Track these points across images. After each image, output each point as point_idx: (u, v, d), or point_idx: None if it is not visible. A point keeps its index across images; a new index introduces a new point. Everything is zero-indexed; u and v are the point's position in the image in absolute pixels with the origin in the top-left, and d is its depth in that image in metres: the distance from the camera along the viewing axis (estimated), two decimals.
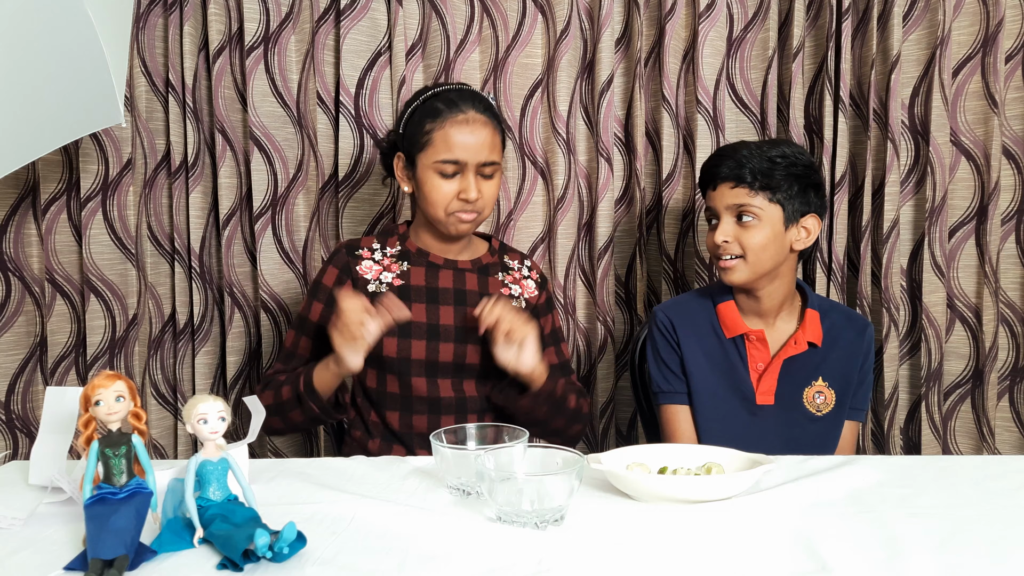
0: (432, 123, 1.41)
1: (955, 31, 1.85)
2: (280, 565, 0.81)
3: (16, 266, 1.87)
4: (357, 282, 1.47)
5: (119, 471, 0.83)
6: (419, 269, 1.49)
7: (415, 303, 1.45)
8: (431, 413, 1.45)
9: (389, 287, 1.46)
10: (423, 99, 1.45)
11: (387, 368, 1.44)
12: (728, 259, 1.44)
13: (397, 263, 1.49)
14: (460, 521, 0.94)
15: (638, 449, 1.13)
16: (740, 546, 0.86)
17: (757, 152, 1.43)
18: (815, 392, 1.48)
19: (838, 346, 1.49)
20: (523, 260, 1.59)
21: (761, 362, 1.49)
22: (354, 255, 1.49)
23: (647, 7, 1.91)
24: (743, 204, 1.43)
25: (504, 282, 1.54)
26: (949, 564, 0.81)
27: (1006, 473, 1.10)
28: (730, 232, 1.44)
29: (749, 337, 1.49)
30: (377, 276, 1.47)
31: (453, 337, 1.45)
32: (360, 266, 1.48)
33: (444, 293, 1.48)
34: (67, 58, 1.40)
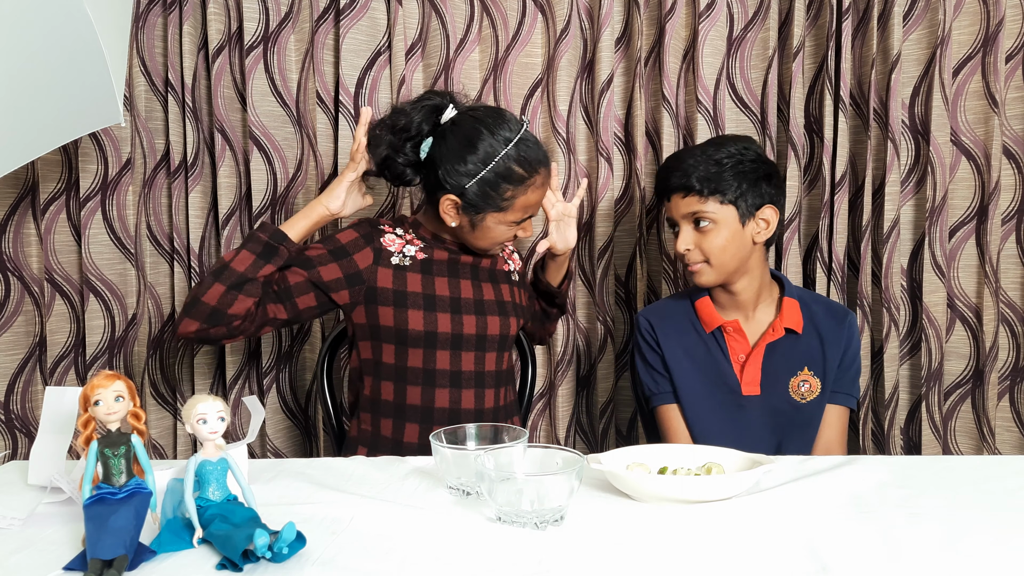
0: (514, 190, 1.41)
1: (955, 31, 1.85)
2: (279, 565, 0.80)
3: (15, 266, 1.87)
4: (381, 252, 1.46)
5: (118, 471, 0.83)
6: (440, 249, 1.51)
7: (438, 277, 1.48)
8: (452, 387, 1.47)
9: (412, 260, 1.48)
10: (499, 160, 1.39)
11: (410, 343, 1.45)
12: (695, 265, 1.49)
13: (418, 239, 1.51)
14: (460, 521, 0.94)
15: (638, 449, 1.12)
16: (740, 547, 0.86)
17: (702, 157, 1.46)
18: (800, 381, 1.50)
19: (819, 334, 1.52)
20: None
21: (742, 353, 1.51)
22: (377, 229, 1.49)
23: (647, 6, 1.91)
24: (696, 211, 1.46)
25: (504, 258, 1.61)
26: (949, 564, 0.80)
27: (1006, 474, 1.10)
28: (690, 240, 1.48)
29: (727, 329, 1.51)
30: (401, 249, 1.48)
31: (474, 310, 1.49)
32: (384, 238, 1.48)
33: (463, 268, 1.52)
34: (66, 57, 1.40)
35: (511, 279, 1.60)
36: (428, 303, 1.45)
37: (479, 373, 1.50)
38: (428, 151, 1.43)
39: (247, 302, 1.37)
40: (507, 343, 1.54)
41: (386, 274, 1.45)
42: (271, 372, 1.95)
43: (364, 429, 1.50)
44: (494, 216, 1.43)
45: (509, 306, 1.55)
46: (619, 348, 1.98)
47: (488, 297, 1.52)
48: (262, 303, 1.41)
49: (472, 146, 1.40)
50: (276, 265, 1.39)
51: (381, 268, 1.45)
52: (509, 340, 1.54)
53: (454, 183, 1.41)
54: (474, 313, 1.48)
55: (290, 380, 1.99)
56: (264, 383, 1.94)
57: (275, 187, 1.92)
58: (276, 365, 1.96)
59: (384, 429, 1.47)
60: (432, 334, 1.45)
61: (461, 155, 1.40)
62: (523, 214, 1.45)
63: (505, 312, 1.53)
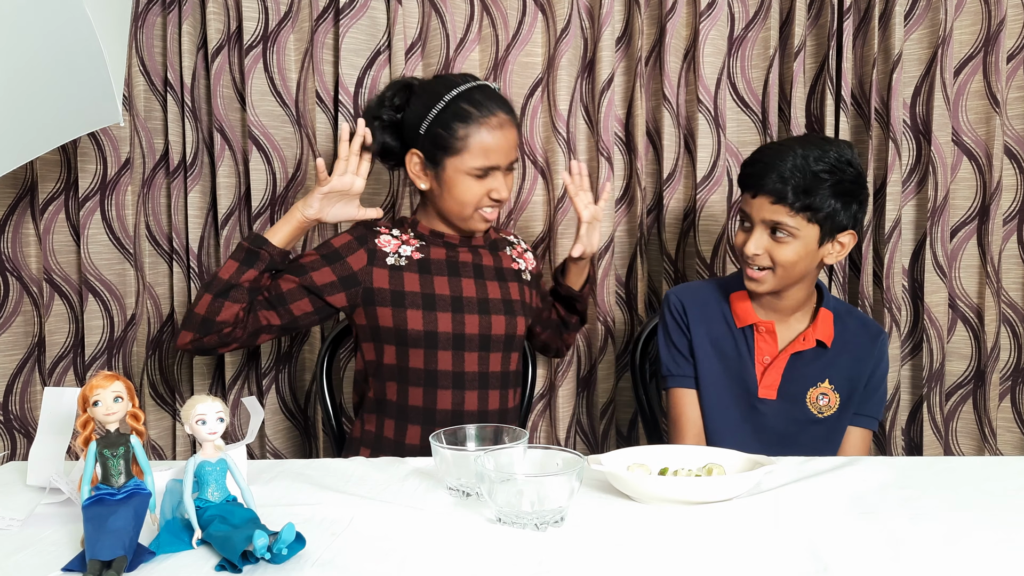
0: (465, 128, 1.41)
1: (957, 30, 1.85)
2: (279, 566, 0.80)
3: (14, 266, 1.87)
4: (376, 254, 1.45)
5: (117, 472, 0.83)
6: (439, 249, 1.50)
7: (436, 276, 1.47)
8: (455, 388, 1.46)
9: (409, 260, 1.47)
10: (447, 101, 1.42)
11: (410, 343, 1.44)
12: (756, 269, 1.41)
13: (415, 239, 1.50)
14: (460, 522, 0.94)
15: (639, 450, 1.12)
16: (741, 547, 0.86)
17: (803, 165, 1.34)
18: (819, 393, 1.46)
19: (848, 350, 1.47)
20: (516, 237, 1.68)
21: (768, 355, 1.47)
22: (372, 230, 1.49)
23: (648, 6, 1.91)
24: (780, 222, 1.36)
25: (512, 256, 1.59)
26: (951, 565, 0.80)
27: (1008, 474, 1.10)
28: (763, 244, 1.39)
29: (759, 328, 1.47)
30: (396, 249, 1.47)
31: (477, 309, 1.47)
32: (379, 239, 1.47)
33: (464, 267, 1.50)
34: (65, 57, 1.40)
35: (521, 278, 1.58)
36: (427, 302, 1.44)
37: (483, 374, 1.48)
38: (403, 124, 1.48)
39: (233, 308, 1.37)
40: (513, 343, 1.52)
41: (382, 274, 1.45)
42: (270, 373, 1.95)
43: (368, 430, 1.49)
44: (453, 163, 1.42)
45: (516, 305, 1.53)
46: (619, 349, 1.98)
47: (493, 296, 1.50)
48: (252, 310, 1.41)
49: (428, 93, 1.45)
50: (259, 269, 1.39)
51: (376, 269, 1.44)
52: (516, 340, 1.52)
53: (411, 135, 1.45)
54: (477, 312, 1.47)
55: (289, 381, 1.99)
56: (263, 384, 1.94)
57: (274, 187, 1.92)
58: (275, 366, 1.96)
59: (387, 431, 1.47)
60: (432, 334, 1.44)
61: (418, 111, 1.45)
62: (484, 159, 1.41)
63: (512, 311, 1.51)
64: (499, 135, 1.43)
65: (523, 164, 1.94)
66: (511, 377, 1.53)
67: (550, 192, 1.93)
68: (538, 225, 1.96)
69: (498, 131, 1.42)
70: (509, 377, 1.53)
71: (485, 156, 1.42)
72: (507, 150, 1.44)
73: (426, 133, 1.44)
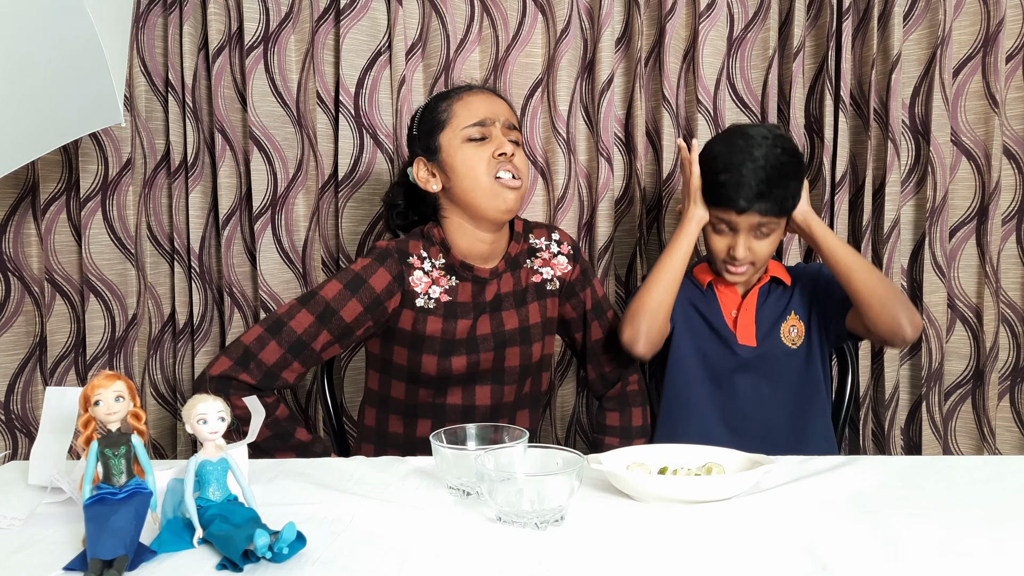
0: (448, 101, 1.40)
1: (956, 31, 1.85)
2: (280, 565, 0.80)
3: (16, 266, 1.87)
4: (407, 295, 1.38)
5: (118, 471, 0.83)
6: (466, 285, 1.42)
7: (461, 320, 1.41)
8: (464, 420, 1.40)
9: (436, 303, 1.40)
10: (431, 98, 1.46)
11: (421, 383, 1.42)
12: (743, 267, 1.51)
13: (446, 276, 1.42)
14: (460, 521, 0.94)
15: (638, 449, 1.12)
16: (741, 547, 0.86)
17: (773, 174, 1.43)
18: (790, 326, 1.56)
19: (800, 284, 1.60)
20: (550, 235, 1.53)
21: (734, 307, 1.57)
22: (407, 263, 1.39)
23: (647, 7, 1.91)
24: (765, 223, 1.47)
25: (534, 268, 1.49)
26: (950, 565, 0.80)
27: (1007, 474, 1.10)
28: (749, 246, 1.49)
29: (719, 285, 1.57)
30: (427, 290, 1.39)
31: (492, 346, 1.43)
32: (412, 277, 1.39)
33: (486, 304, 1.44)
34: (67, 58, 1.40)
35: (545, 291, 1.49)
36: (445, 348, 1.40)
37: (495, 406, 1.45)
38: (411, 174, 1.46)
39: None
40: (529, 371, 1.47)
41: (408, 316, 1.39)
42: None
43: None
44: (446, 136, 1.38)
45: (535, 329, 1.47)
46: None
47: (510, 327, 1.44)
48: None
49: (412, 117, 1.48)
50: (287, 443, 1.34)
51: (405, 311, 1.39)
52: (531, 367, 1.47)
53: (410, 150, 1.45)
54: (493, 349, 1.43)
55: None
56: None
57: (275, 187, 1.92)
58: None
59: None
60: (445, 376, 1.41)
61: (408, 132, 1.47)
62: (470, 117, 1.37)
63: (527, 339, 1.45)
64: (482, 97, 1.41)
65: None
66: (524, 400, 1.49)
67: (550, 192, 1.94)
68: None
69: (480, 94, 1.41)
70: (522, 401, 1.48)
71: (472, 114, 1.38)
72: (496, 109, 1.40)
73: (418, 133, 1.43)
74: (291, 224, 1.94)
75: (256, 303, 1.94)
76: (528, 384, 1.49)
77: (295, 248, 1.95)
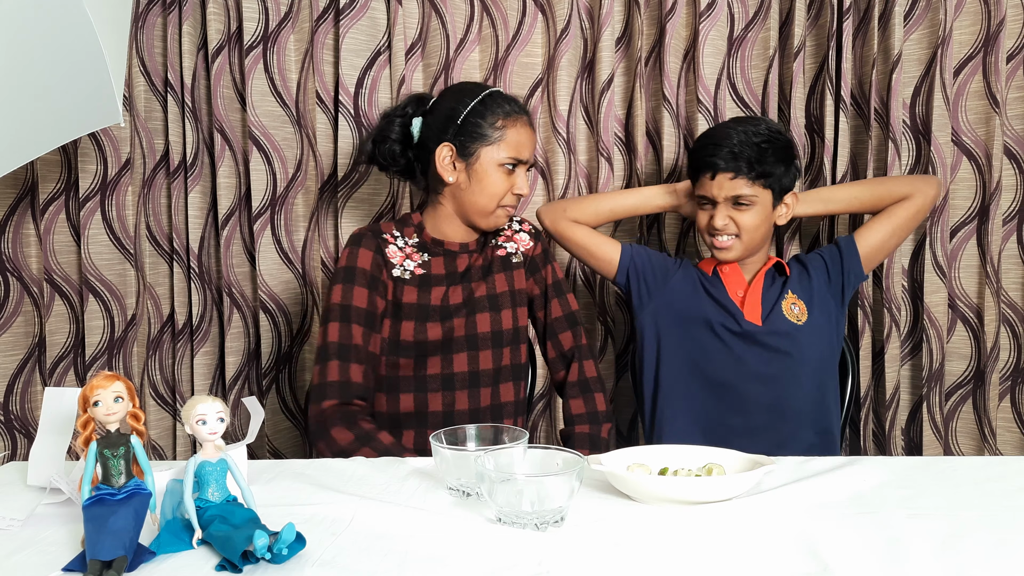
0: (504, 121, 1.47)
1: (956, 31, 1.85)
2: (279, 566, 0.80)
3: (15, 266, 1.87)
4: (386, 264, 1.48)
5: (118, 472, 0.83)
6: (438, 259, 1.52)
7: (435, 287, 1.49)
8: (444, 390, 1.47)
9: (411, 274, 1.49)
10: (486, 94, 1.49)
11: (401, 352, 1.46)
12: (724, 239, 1.58)
13: (418, 253, 1.52)
14: (460, 522, 0.94)
15: (639, 450, 1.12)
16: (741, 547, 0.86)
17: (746, 138, 1.53)
18: (790, 304, 1.61)
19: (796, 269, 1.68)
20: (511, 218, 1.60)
21: (740, 289, 1.63)
22: (381, 239, 1.50)
23: (647, 6, 1.91)
24: (741, 194, 1.54)
25: (498, 244, 1.58)
26: (951, 565, 0.80)
27: (1008, 474, 1.10)
28: (727, 216, 1.56)
29: (723, 269, 1.64)
30: (402, 262, 1.49)
31: (464, 313, 1.49)
32: (388, 249, 1.50)
33: (457, 276, 1.52)
34: (66, 58, 1.40)
35: (511, 263, 1.57)
36: (421, 314, 1.47)
37: (473, 373, 1.49)
38: (419, 132, 1.52)
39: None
40: (503, 338, 1.51)
41: (389, 286, 1.48)
42: (271, 372, 1.95)
43: None
44: (487, 151, 1.47)
45: (503, 297, 1.53)
46: (619, 348, 1.98)
47: (479, 294, 1.51)
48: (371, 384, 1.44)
49: (461, 91, 1.53)
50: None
51: (387, 281, 1.48)
52: (505, 335, 1.52)
53: (441, 129, 1.49)
54: (465, 315, 1.49)
55: (290, 380, 1.99)
56: (264, 383, 1.94)
57: (275, 187, 1.92)
58: (276, 365, 1.96)
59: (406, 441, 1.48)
60: (423, 343, 1.46)
61: (450, 107, 1.50)
62: (515, 152, 1.48)
63: (496, 306, 1.51)
64: (529, 132, 1.51)
65: None
66: (504, 372, 1.52)
67: (550, 192, 1.93)
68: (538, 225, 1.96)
69: (528, 128, 1.51)
70: (502, 372, 1.52)
71: (518, 149, 1.48)
72: (532, 148, 1.52)
73: (463, 123, 1.47)
74: (290, 224, 1.94)
75: (255, 303, 1.94)
76: (505, 355, 1.52)
77: (294, 248, 1.94)
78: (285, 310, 1.95)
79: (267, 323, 1.93)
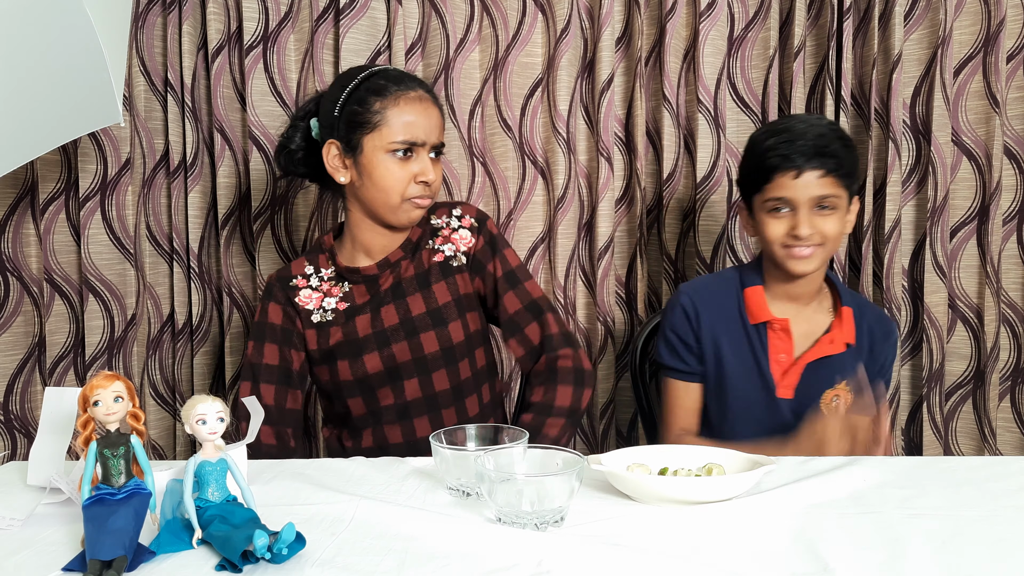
0: (382, 101, 1.32)
1: (956, 31, 1.85)
2: (279, 566, 0.80)
3: (14, 266, 1.87)
4: (300, 314, 1.40)
5: (117, 472, 0.83)
6: (359, 287, 1.41)
7: (359, 316, 1.39)
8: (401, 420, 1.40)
9: (335, 312, 1.40)
10: (362, 77, 1.36)
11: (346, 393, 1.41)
12: (805, 250, 1.36)
13: (337, 285, 1.42)
14: (460, 522, 0.94)
15: (639, 450, 1.12)
16: (741, 547, 0.86)
17: (828, 133, 1.35)
18: (834, 395, 1.42)
19: (865, 350, 1.45)
20: (451, 211, 1.47)
21: (784, 353, 1.43)
22: (289, 287, 1.42)
23: (648, 6, 1.91)
24: (828, 194, 1.34)
25: (434, 247, 1.43)
26: (951, 565, 0.80)
27: (1008, 474, 1.10)
28: (812, 222, 1.35)
29: (772, 326, 1.43)
30: (319, 304, 1.40)
31: (404, 335, 1.38)
32: (299, 297, 1.41)
33: (385, 295, 1.41)
34: (66, 57, 1.40)
35: (451, 268, 1.42)
36: (353, 350, 1.38)
37: (429, 397, 1.40)
38: (316, 133, 1.40)
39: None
40: (455, 353, 1.39)
41: (312, 335, 1.40)
42: None
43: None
44: (371, 141, 1.32)
45: (447, 309, 1.39)
46: (619, 349, 1.98)
47: (417, 312, 1.38)
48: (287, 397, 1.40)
49: (340, 79, 1.39)
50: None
51: (308, 331, 1.40)
52: (457, 349, 1.39)
53: (327, 125, 1.36)
54: (405, 338, 1.38)
55: None
56: None
57: (274, 187, 1.92)
58: None
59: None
60: (364, 379, 1.38)
61: (330, 99, 1.37)
62: (403, 133, 1.32)
63: (441, 321, 1.38)
64: (419, 108, 1.34)
65: (523, 164, 1.94)
66: (466, 386, 1.42)
67: (550, 192, 1.93)
68: (538, 225, 1.96)
69: (417, 104, 1.34)
70: (463, 388, 1.41)
71: (404, 130, 1.32)
72: (429, 127, 1.34)
73: (340, 114, 1.35)
74: (291, 224, 1.94)
75: (255, 303, 1.94)
76: (463, 369, 1.41)
77: (295, 248, 1.94)
78: None
79: None
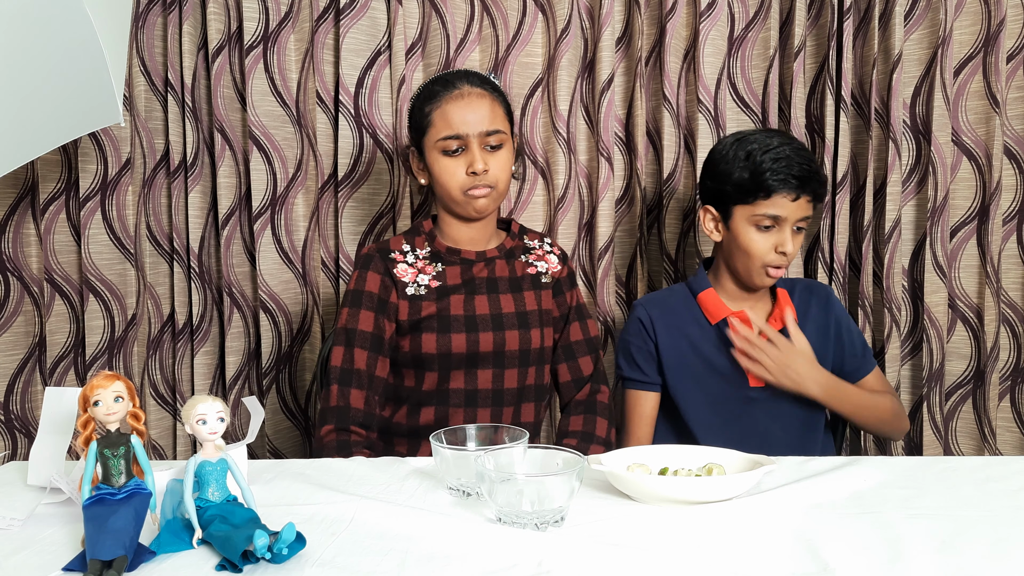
0: (431, 104, 1.44)
1: (956, 31, 1.85)
2: (279, 566, 0.80)
3: (15, 266, 1.87)
4: (397, 285, 1.45)
5: (118, 472, 0.83)
6: (454, 268, 1.48)
7: (454, 295, 1.46)
8: (467, 406, 1.45)
9: (427, 288, 1.46)
10: (422, 87, 1.50)
11: (426, 366, 1.44)
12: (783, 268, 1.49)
13: (431, 264, 1.48)
14: (460, 522, 0.94)
15: (639, 450, 1.12)
16: (741, 547, 0.86)
17: (810, 157, 1.46)
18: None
19: (808, 322, 1.56)
20: (542, 239, 1.61)
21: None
22: (389, 259, 1.47)
23: (648, 6, 1.91)
24: (807, 216, 1.47)
25: (529, 261, 1.55)
26: (951, 565, 0.80)
27: (1008, 474, 1.10)
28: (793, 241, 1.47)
29: (731, 320, 1.52)
30: (414, 279, 1.46)
31: (491, 326, 1.45)
32: (396, 269, 1.46)
33: (479, 284, 1.49)
34: (66, 57, 1.40)
35: (539, 283, 1.54)
36: (442, 325, 1.44)
37: (497, 391, 1.46)
38: None
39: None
40: (530, 358, 1.48)
41: (404, 306, 1.45)
42: (271, 372, 1.95)
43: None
44: (427, 142, 1.44)
45: (532, 316, 1.49)
46: None
47: (507, 310, 1.47)
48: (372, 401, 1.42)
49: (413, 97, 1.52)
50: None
51: (402, 301, 1.45)
52: (532, 354, 1.48)
53: (409, 133, 1.51)
54: (491, 329, 1.45)
55: (290, 380, 1.99)
56: (264, 383, 1.94)
57: (275, 187, 1.92)
58: (276, 365, 1.96)
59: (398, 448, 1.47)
60: (446, 355, 1.43)
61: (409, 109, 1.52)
62: (446, 130, 1.41)
63: (525, 324, 1.48)
64: (460, 104, 1.41)
65: (523, 164, 1.94)
66: (528, 392, 1.49)
67: (550, 192, 1.93)
68: (538, 225, 1.96)
69: (460, 101, 1.42)
70: (526, 391, 1.49)
71: (449, 126, 1.41)
72: (474, 121, 1.41)
73: (411, 123, 1.49)
74: (291, 224, 1.94)
75: (256, 303, 1.94)
76: (531, 374, 1.49)
77: (295, 248, 1.95)
78: (285, 310, 1.95)
79: (267, 323, 1.93)
